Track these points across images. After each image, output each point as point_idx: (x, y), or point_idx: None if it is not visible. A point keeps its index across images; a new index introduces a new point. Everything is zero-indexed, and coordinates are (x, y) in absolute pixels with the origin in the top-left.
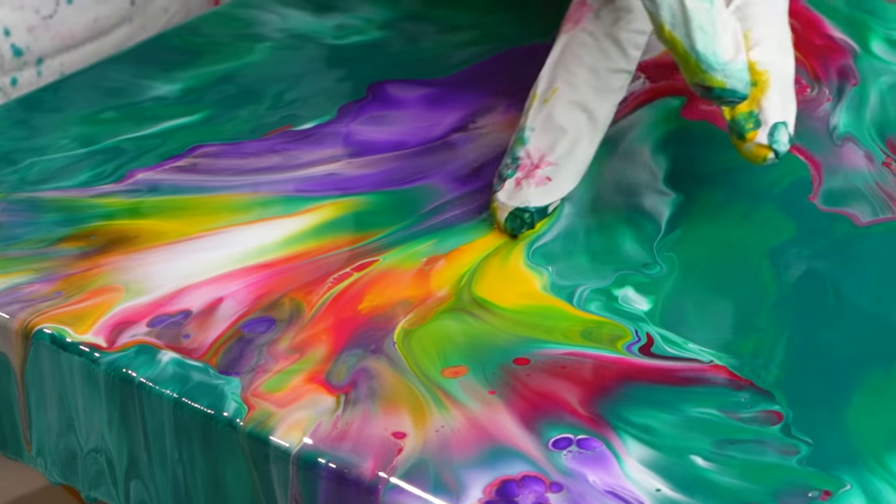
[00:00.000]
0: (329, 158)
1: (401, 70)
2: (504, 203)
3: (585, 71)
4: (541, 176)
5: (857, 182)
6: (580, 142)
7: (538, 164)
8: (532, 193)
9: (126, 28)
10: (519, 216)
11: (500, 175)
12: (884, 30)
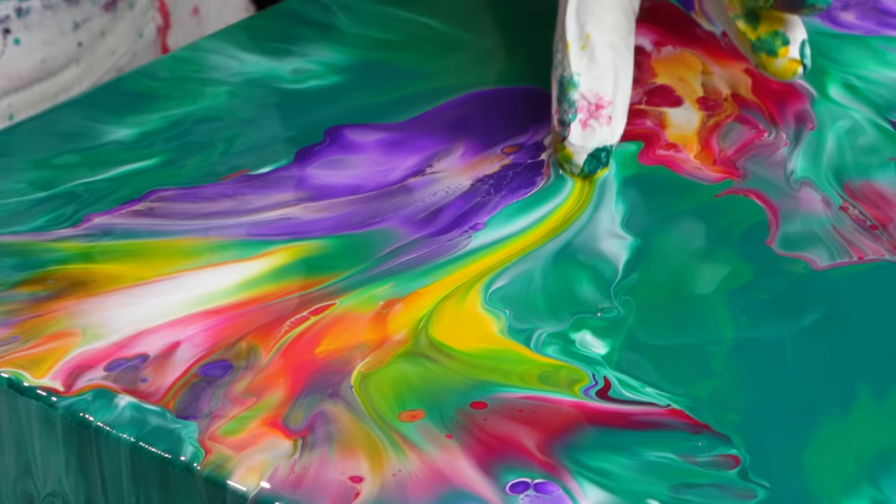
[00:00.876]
0: (286, 202)
1: (358, 114)
2: (581, 145)
3: (609, 14)
4: (605, 115)
5: (814, 226)
6: (621, 77)
7: (598, 104)
8: (605, 133)
9: (74, 69)
10: (597, 156)
11: (561, 121)
12: (841, 74)
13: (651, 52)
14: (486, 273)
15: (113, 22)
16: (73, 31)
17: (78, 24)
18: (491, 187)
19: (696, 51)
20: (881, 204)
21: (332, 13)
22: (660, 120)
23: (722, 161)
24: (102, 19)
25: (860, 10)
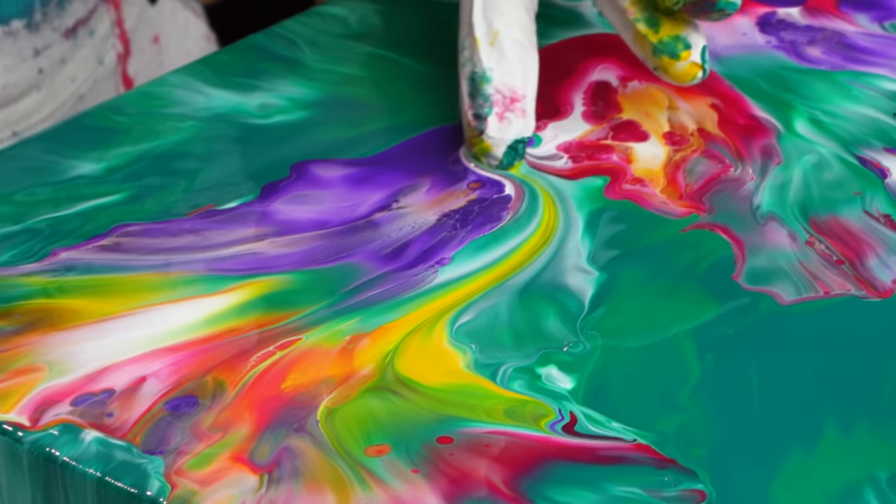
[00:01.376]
0: (252, 237)
1: (324, 149)
2: (500, 137)
3: (514, 11)
4: (520, 108)
5: (780, 261)
6: (529, 73)
7: (512, 98)
8: (521, 125)
9: (35, 96)
10: (515, 148)
11: (476, 116)
12: (807, 109)
13: (617, 88)
14: (452, 308)
15: (73, 49)
16: (34, 58)
17: (38, 51)
18: (457, 222)
19: (662, 86)
20: (847, 239)
21: (298, 48)
22: (626, 155)
23: (688, 196)
24: (63, 46)
25: (826, 46)
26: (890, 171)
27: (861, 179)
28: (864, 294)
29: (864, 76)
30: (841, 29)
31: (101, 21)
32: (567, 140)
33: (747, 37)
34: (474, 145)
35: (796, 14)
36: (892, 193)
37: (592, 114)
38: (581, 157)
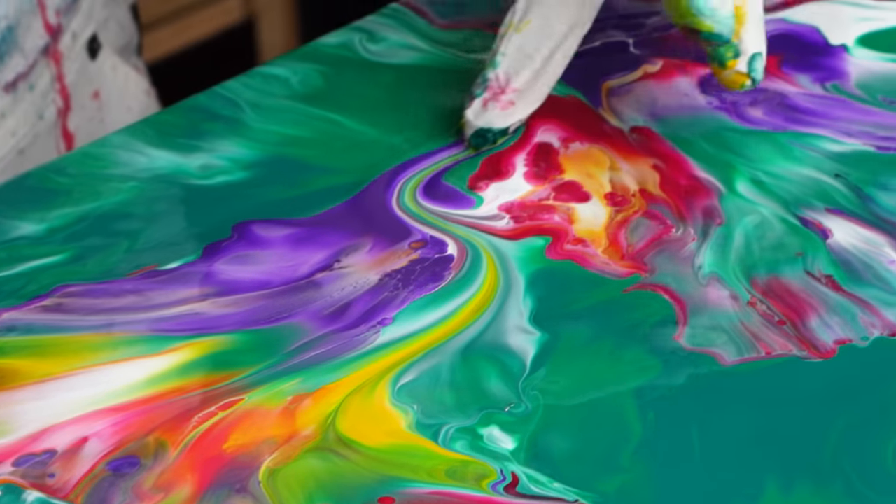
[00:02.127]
0: (194, 298)
1: (266, 210)
2: (471, 121)
3: (561, 8)
4: (505, 100)
5: (722, 321)
6: (546, 72)
7: (504, 88)
8: (495, 115)
9: None
10: (482, 134)
11: (470, 94)
12: (749, 170)
13: (559, 149)
14: (393, 368)
15: (13, 103)
16: None
17: None
18: (399, 282)
19: (604, 147)
20: (789, 299)
21: (240, 109)
22: (568, 215)
23: (630, 256)
24: (3, 101)
25: (768, 106)
26: (831, 232)
27: (803, 240)
28: (806, 354)
29: (805, 137)
30: (783, 90)
31: (41, 76)
32: (509, 200)
33: (689, 97)
34: (460, 119)
35: None
36: (833, 254)
37: (534, 174)
38: (523, 217)
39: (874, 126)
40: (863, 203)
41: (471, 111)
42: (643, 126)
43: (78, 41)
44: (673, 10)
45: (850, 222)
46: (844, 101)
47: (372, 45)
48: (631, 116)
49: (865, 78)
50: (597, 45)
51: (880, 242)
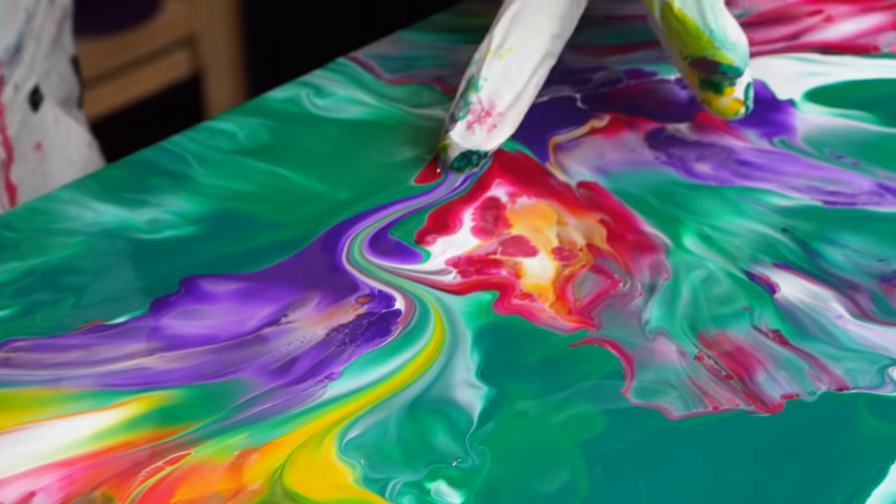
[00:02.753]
0: (141, 352)
1: (213, 264)
2: (457, 143)
3: (538, 36)
4: (490, 123)
5: (669, 376)
6: (524, 96)
7: (489, 111)
8: (483, 138)
9: None
10: (469, 157)
11: (452, 116)
12: (696, 224)
13: (506, 203)
14: (340, 422)
15: None
16: None
17: None
18: (346, 336)
19: (552, 201)
20: (736, 354)
21: (187, 164)
22: (515, 270)
23: (577, 311)
24: None
25: (715, 161)
26: (779, 287)
27: (750, 294)
28: (753, 409)
29: (753, 191)
30: (730, 145)
31: None
32: (456, 255)
33: (636, 152)
34: (439, 142)
35: (685, 130)
36: (780, 308)
37: (482, 229)
38: (470, 271)
39: (821, 181)
40: (810, 258)
41: (456, 133)
42: (590, 181)
43: (20, 93)
44: (688, 43)
45: (798, 277)
46: (792, 155)
47: (319, 100)
48: (578, 171)
49: (813, 133)
50: (544, 100)
51: (827, 297)
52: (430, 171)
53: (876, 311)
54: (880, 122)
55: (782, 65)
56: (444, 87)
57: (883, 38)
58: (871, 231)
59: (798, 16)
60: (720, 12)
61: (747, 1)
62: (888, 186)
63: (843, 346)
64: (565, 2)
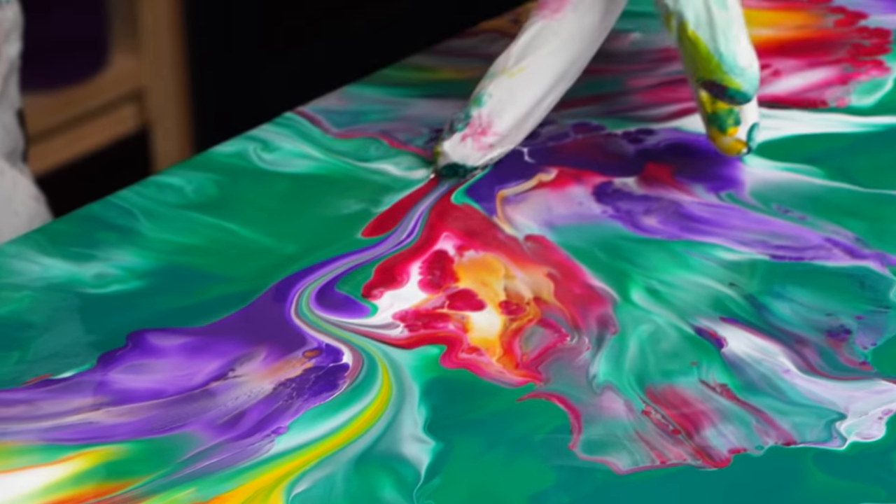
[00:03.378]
0: (87, 407)
1: (160, 319)
2: (447, 153)
3: (552, 59)
4: (484, 142)
5: (616, 431)
6: (528, 119)
7: (486, 129)
8: (472, 155)
9: None
10: (455, 169)
11: (451, 124)
12: (643, 279)
13: (454, 257)
14: (288, 477)
15: None
16: None
17: None
18: (293, 391)
19: (499, 255)
20: (683, 408)
21: (134, 218)
22: (462, 324)
23: (524, 365)
24: None
25: (663, 215)
26: (726, 341)
27: (697, 349)
28: (701, 464)
29: (700, 246)
30: (677, 199)
31: None
32: (403, 309)
33: (584, 206)
34: (434, 146)
35: (633, 184)
36: (728, 363)
37: (429, 282)
38: (417, 325)
39: (769, 235)
40: (757, 312)
41: (448, 144)
42: (538, 234)
43: None
44: (699, 66)
45: (745, 331)
46: (739, 209)
47: (266, 154)
48: (525, 225)
49: (760, 187)
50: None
51: (775, 352)
52: (377, 224)
53: (824, 365)
54: (828, 177)
55: None
56: (391, 142)
57: (830, 92)
58: (818, 285)
59: None
60: (733, 37)
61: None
62: (835, 241)
63: (790, 400)
64: (587, 26)
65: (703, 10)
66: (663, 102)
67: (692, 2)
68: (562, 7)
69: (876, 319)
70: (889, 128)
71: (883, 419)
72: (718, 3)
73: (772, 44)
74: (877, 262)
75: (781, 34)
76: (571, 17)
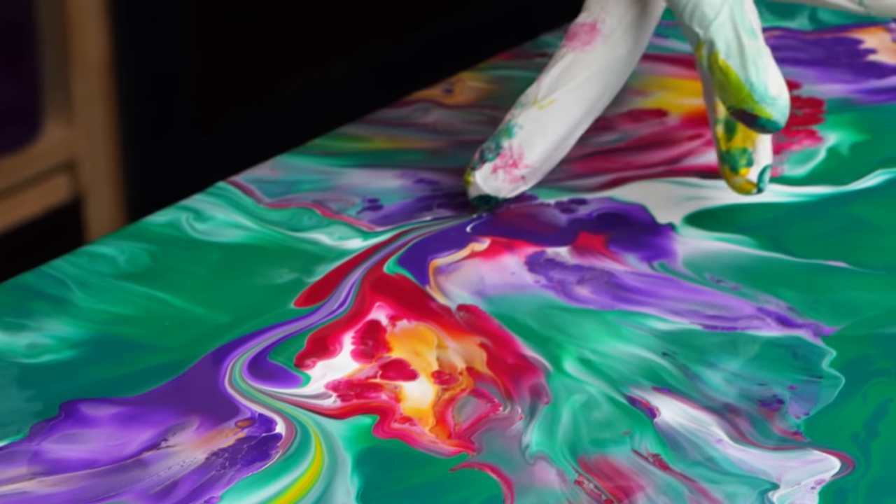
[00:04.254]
0: (21, 477)
1: (93, 388)
2: (479, 185)
3: (582, 92)
4: (516, 175)
5: (549, 500)
6: (558, 151)
7: (517, 161)
8: (503, 186)
9: None
10: (487, 200)
11: (482, 154)
12: (576, 348)
13: (387, 327)
14: None
15: None
16: None
17: None
18: (226, 460)
19: (432, 325)
20: (616, 478)
21: (67, 288)
22: (395, 394)
23: (457, 435)
24: None
25: (595, 285)
26: (659, 411)
27: (630, 419)
28: None
29: (632, 315)
30: (610, 268)
31: None
32: (336, 379)
33: (516, 276)
34: (465, 174)
35: (565, 253)
36: (661, 433)
37: (362, 352)
38: (350, 395)
39: (701, 305)
40: (690, 382)
41: (480, 175)
42: (470, 304)
43: None
44: (730, 95)
45: (678, 401)
46: (672, 279)
47: (199, 224)
48: (458, 294)
49: (692, 257)
50: (427, 219)
51: (707, 421)
52: (310, 294)
53: (756, 435)
54: (759, 246)
55: (662, 189)
56: (324, 211)
57: None
58: (751, 355)
59: (678, 140)
60: (763, 67)
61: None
62: (768, 310)
63: (723, 470)
64: (617, 59)
65: (734, 40)
66: (596, 172)
67: (723, 31)
68: (593, 39)
69: (808, 389)
70: (822, 197)
71: (815, 489)
72: (748, 32)
73: (703, 113)
74: (809, 332)
75: None
76: (602, 49)
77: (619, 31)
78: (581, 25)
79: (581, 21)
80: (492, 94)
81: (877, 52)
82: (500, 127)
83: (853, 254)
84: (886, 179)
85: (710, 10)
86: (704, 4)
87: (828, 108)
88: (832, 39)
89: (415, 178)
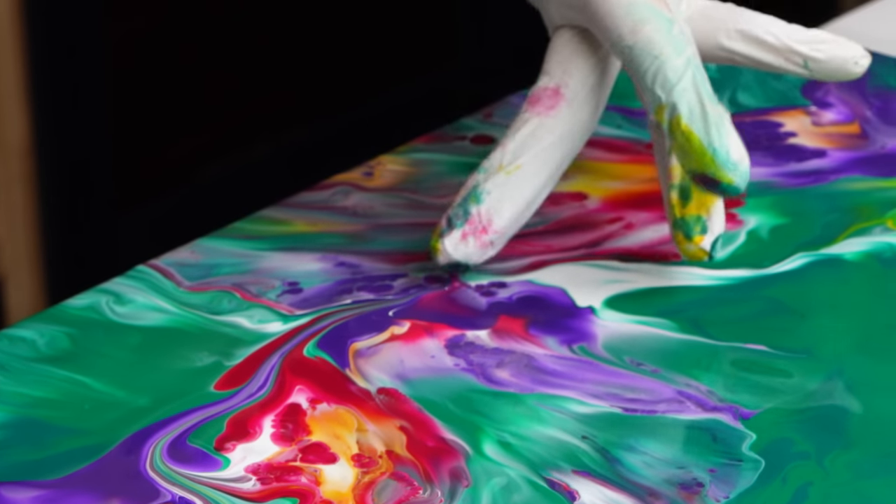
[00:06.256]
0: None
1: (11, 472)
2: (448, 252)
3: (548, 155)
4: (486, 240)
5: None
6: (525, 214)
7: (486, 227)
8: (474, 252)
9: None
10: (456, 266)
11: (449, 221)
12: (496, 431)
13: (307, 410)
14: None
15: None
16: None
17: None
18: None
19: (351, 408)
20: None
21: None
22: (315, 477)
23: None
24: None
25: (515, 368)
26: (578, 494)
27: (550, 502)
28: None
29: (552, 398)
30: (530, 351)
31: None
32: (256, 462)
33: (436, 359)
34: (431, 240)
35: (485, 336)
36: None
37: (282, 435)
38: (270, 479)
39: (621, 388)
40: (610, 465)
41: (449, 242)
42: (390, 387)
43: None
44: (692, 159)
45: (597, 484)
46: (591, 362)
47: (119, 307)
48: (378, 377)
49: (612, 340)
50: (347, 302)
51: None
52: (230, 377)
53: None
54: (680, 330)
55: (582, 272)
56: (244, 294)
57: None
58: (671, 438)
59: (598, 223)
60: (725, 132)
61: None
62: (688, 394)
63: None
64: (580, 121)
65: (697, 104)
66: (516, 255)
67: (686, 95)
68: (557, 104)
69: (728, 472)
70: (742, 281)
71: None
72: (710, 97)
73: (623, 197)
74: (729, 416)
75: (633, 187)
76: (566, 113)
77: (582, 94)
78: (543, 90)
79: (543, 85)
80: (411, 177)
81: (797, 135)
82: (465, 193)
83: (773, 337)
84: (806, 263)
85: (672, 75)
86: (667, 68)
87: (748, 191)
88: (752, 122)
89: (335, 262)
